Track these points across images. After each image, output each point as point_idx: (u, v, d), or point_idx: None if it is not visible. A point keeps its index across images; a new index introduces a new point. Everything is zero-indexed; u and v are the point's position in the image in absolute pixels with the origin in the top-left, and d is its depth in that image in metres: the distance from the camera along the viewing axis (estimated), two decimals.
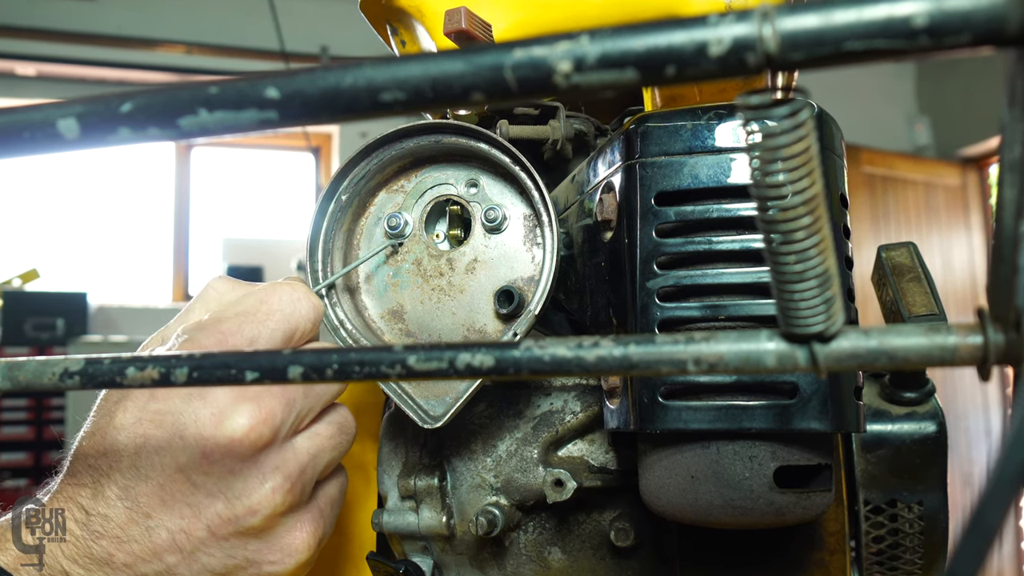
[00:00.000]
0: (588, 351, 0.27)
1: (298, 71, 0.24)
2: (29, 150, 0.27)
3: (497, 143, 0.52)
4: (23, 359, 0.34)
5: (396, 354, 0.29)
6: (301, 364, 0.30)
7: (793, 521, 0.44)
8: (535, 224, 0.54)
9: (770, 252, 0.25)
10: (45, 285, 4.15)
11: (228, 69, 4.43)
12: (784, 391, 0.42)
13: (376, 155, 0.55)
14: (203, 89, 0.25)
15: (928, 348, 0.25)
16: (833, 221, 0.45)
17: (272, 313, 0.48)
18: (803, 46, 0.21)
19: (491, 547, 0.59)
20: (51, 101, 0.27)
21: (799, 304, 0.25)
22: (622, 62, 0.22)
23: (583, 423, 0.57)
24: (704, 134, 0.45)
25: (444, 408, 0.52)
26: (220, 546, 0.44)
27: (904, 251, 0.62)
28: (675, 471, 0.45)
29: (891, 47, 0.21)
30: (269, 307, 0.48)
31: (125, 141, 0.26)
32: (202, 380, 0.31)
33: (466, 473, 0.59)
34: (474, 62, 0.23)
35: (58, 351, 3.79)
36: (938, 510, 0.56)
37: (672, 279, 0.45)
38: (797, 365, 0.26)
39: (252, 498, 0.44)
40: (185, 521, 0.44)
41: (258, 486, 0.44)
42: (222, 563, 0.45)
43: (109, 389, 0.45)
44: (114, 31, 4.33)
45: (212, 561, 0.44)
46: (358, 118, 0.24)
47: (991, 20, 0.20)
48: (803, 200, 0.24)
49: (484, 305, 0.54)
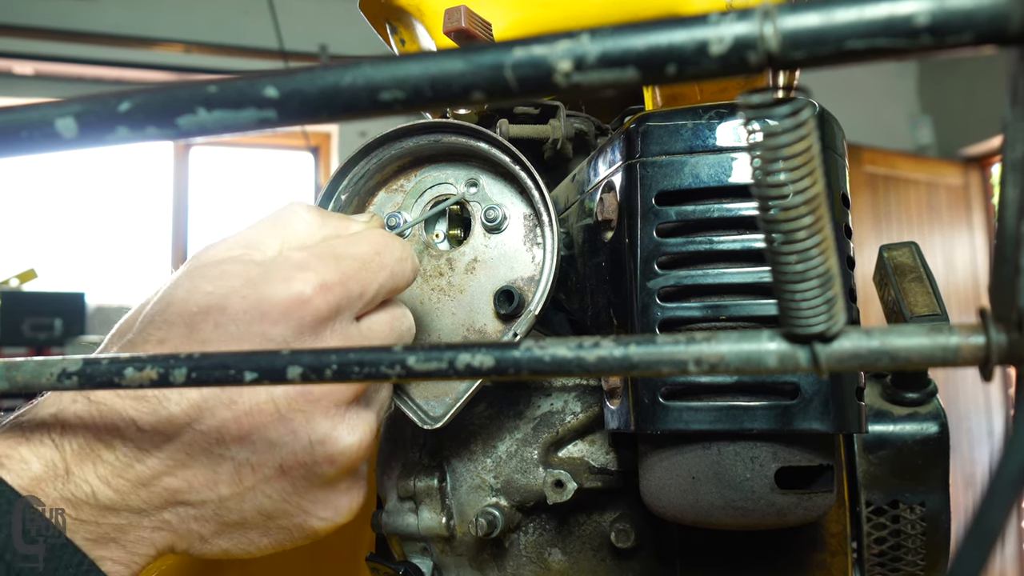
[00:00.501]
0: (588, 351, 0.27)
1: (297, 70, 0.24)
2: (27, 149, 0.27)
3: (497, 142, 0.52)
4: (21, 359, 0.33)
5: (396, 354, 0.29)
6: (300, 364, 0.30)
7: (795, 522, 0.44)
8: (535, 224, 0.54)
9: (771, 252, 0.25)
10: (43, 285, 4.15)
11: (227, 68, 4.43)
12: (785, 392, 0.42)
13: (375, 154, 0.55)
14: (202, 88, 0.25)
15: (930, 348, 0.25)
16: (835, 221, 0.45)
17: (384, 267, 0.45)
18: (804, 45, 0.21)
19: (491, 548, 0.59)
20: (49, 100, 0.27)
21: (800, 304, 0.25)
22: (623, 61, 0.22)
23: (583, 424, 0.57)
24: (705, 133, 0.45)
25: (444, 409, 0.52)
26: (282, 488, 0.42)
27: (906, 251, 0.62)
28: (676, 472, 0.45)
29: (893, 46, 0.20)
30: (382, 260, 0.45)
31: (123, 140, 0.26)
32: (201, 381, 0.31)
33: (466, 474, 0.59)
34: (474, 61, 0.23)
35: (56, 351, 3.79)
36: (940, 511, 0.56)
37: (673, 279, 0.44)
38: (798, 365, 0.26)
39: (336, 447, 0.42)
40: (258, 455, 0.41)
41: (346, 435, 0.43)
42: (275, 506, 0.43)
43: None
44: (112, 30, 4.32)
45: (266, 502, 0.42)
46: (357, 117, 0.24)
47: (993, 19, 0.20)
48: (805, 200, 0.24)
49: (484, 305, 0.54)
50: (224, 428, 0.41)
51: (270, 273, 0.42)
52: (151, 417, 0.40)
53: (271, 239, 0.45)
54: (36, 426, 0.40)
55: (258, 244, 0.45)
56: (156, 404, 0.40)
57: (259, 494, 0.42)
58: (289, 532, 0.44)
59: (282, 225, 0.46)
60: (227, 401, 0.40)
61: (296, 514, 0.44)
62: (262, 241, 0.45)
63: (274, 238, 0.45)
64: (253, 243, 0.45)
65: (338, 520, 0.45)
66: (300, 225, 0.46)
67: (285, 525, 0.44)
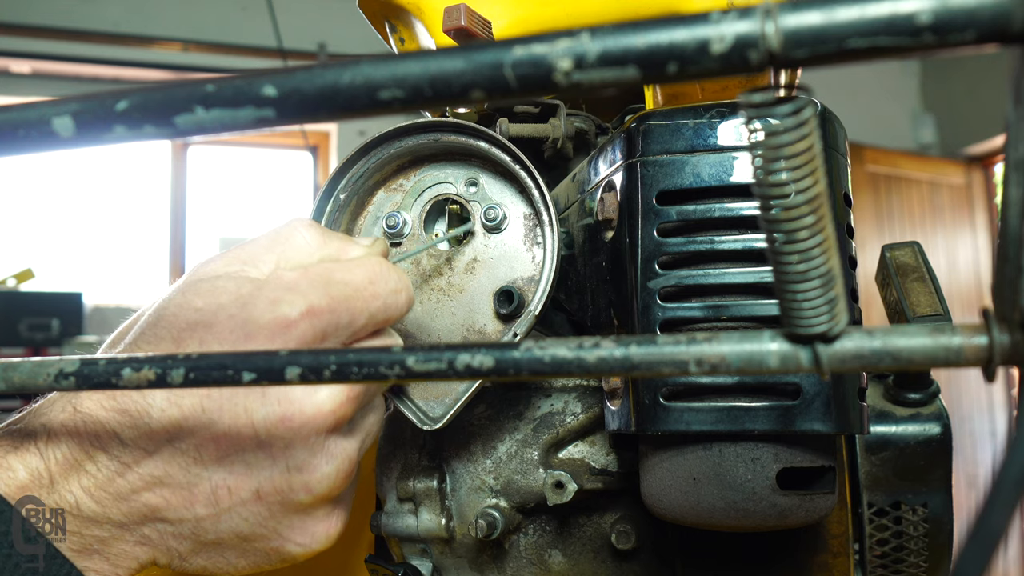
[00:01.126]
0: (589, 352, 0.27)
1: (296, 69, 0.24)
2: (24, 148, 0.27)
3: (497, 141, 0.52)
4: (17, 360, 0.33)
5: (395, 355, 0.29)
6: (299, 365, 0.30)
7: (796, 524, 0.44)
8: (535, 223, 0.54)
9: (773, 252, 0.25)
10: (40, 285, 4.13)
11: (225, 67, 4.43)
12: (787, 392, 0.42)
13: (374, 153, 0.54)
14: (200, 87, 0.25)
15: (932, 349, 0.25)
16: (836, 220, 0.44)
17: (376, 297, 0.44)
18: (806, 43, 0.21)
19: (491, 550, 0.59)
20: (46, 99, 0.26)
21: (802, 304, 0.25)
22: (623, 60, 0.22)
23: (584, 425, 0.57)
24: (706, 132, 0.45)
25: (443, 409, 0.52)
26: (258, 512, 0.42)
27: (908, 251, 0.62)
28: (677, 473, 0.45)
29: (895, 44, 0.20)
30: (375, 289, 0.44)
31: (121, 139, 0.26)
32: (199, 381, 0.31)
33: (465, 475, 0.58)
34: (474, 60, 0.23)
35: (53, 352, 3.78)
36: (943, 512, 0.56)
37: (674, 279, 0.44)
38: (800, 366, 0.26)
39: (313, 475, 0.42)
40: (235, 478, 0.41)
41: (323, 465, 0.43)
42: (252, 529, 0.43)
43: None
44: (110, 28, 4.32)
45: (242, 525, 0.43)
46: (356, 116, 0.24)
47: (996, 17, 0.20)
48: (806, 199, 0.24)
49: (484, 305, 0.54)
50: (203, 448, 0.41)
51: (259, 293, 0.42)
52: (132, 432, 0.40)
53: (268, 256, 0.45)
54: (26, 435, 0.41)
55: (255, 260, 0.44)
56: (137, 418, 0.40)
57: (235, 516, 0.42)
58: (266, 555, 0.45)
59: (281, 242, 0.46)
60: (207, 422, 0.41)
61: (272, 538, 0.44)
62: (259, 258, 0.45)
63: (271, 254, 0.45)
64: (250, 259, 0.45)
65: (314, 547, 0.45)
66: (299, 243, 0.46)
67: (261, 548, 0.44)
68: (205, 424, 0.41)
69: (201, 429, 0.41)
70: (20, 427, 0.41)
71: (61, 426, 0.41)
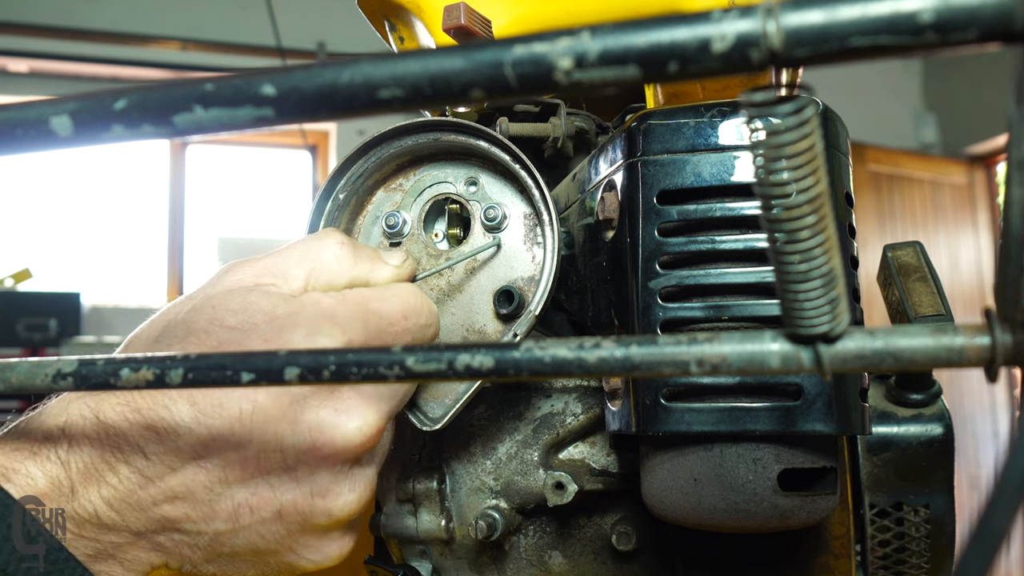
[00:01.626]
0: (589, 352, 0.27)
1: (295, 68, 0.24)
2: (22, 148, 0.26)
3: (497, 141, 0.52)
4: (15, 360, 0.33)
5: (394, 355, 0.29)
6: (297, 366, 0.30)
7: (797, 525, 0.44)
8: (535, 223, 0.54)
9: (774, 251, 0.25)
10: (38, 285, 4.13)
11: (224, 66, 4.42)
12: (788, 393, 0.42)
13: (374, 153, 0.54)
14: (198, 86, 0.25)
15: (935, 349, 0.25)
16: (838, 220, 0.44)
17: (408, 332, 0.46)
18: (808, 42, 0.21)
19: (491, 551, 0.59)
20: (44, 98, 0.26)
21: (804, 304, 0.25)
22: (624, 59, 0.21)
23: (584, 425, 0.57)
24: (707, 132, 0.45)
25: (443, 410, 0.52)
26: (276, 531, 0.43)
27: (910, 250, 0.62)
28: (678, 474, 0.45)
29: (897, 43, 0.20)
30: (407, 325, 0.46)
31: (119, 139, 0.26)
32: (197, 381, 0.31)
33: (465, 476, 0.58)
34: (474, 59, 0.22)
35: (51, 352, 3.78)
36: (945, 513, 0.56)
37: (675, 279, 0.44)
38: (801, 366, 0.26)
39: (336, 501, 0.43)
40: (257, 498, 0.42)
41: (346, 492, 0.44)
42: (267, 545, 0.44)
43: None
44: (108, 27, 4.31)
45: (259, 541, 0.43)
46: (356, 115, 0.24)
47: (998, 16, 0.20)
48: (808, 199, 0.24)
49: (484, 305, 0.54)
50: (228, 468, 0.41)
51: (296, 318, 0.42)
52: (157, 447, 0.40)
53: (298, 271, 0.45)
54: (43, 439, 0.41)
55: (285, 275, 0.45)
56: (164, 435, 0.40)
57: (253, 533, 0.43)
58: (277, 568, 0.46)
59: (312, 258, 0.46)
60: (235, 444, 0.41)
61: (285, 554, 0.45)
62: (289, 272, 0.45)
63: (301, 270, 0.45)
64: (281, 273, 0.45)
65: (325, 564, 0.46)
66: (329, 260, 0.46)
67: (273, 562, 0.45)
68: (233, 446, 0.41)
69: (229, 451, 0.41)
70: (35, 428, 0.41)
71: (83, 434, 0.40)
